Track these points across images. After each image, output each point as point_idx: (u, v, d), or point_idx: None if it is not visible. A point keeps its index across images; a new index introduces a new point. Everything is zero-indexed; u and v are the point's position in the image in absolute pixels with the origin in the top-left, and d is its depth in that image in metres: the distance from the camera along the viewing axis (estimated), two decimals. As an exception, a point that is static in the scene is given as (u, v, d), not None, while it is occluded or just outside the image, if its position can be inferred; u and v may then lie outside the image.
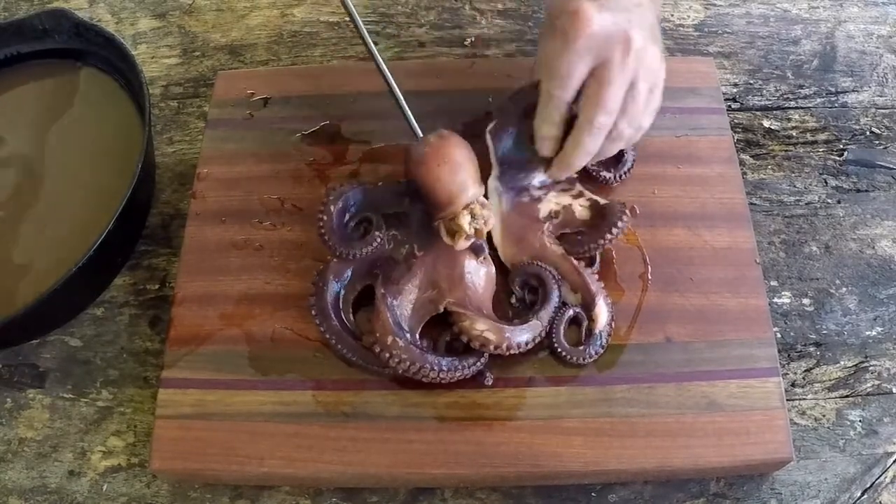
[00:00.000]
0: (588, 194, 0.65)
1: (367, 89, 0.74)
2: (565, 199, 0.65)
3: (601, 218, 0.64)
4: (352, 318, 0.62)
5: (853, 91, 0.77)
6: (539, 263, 0.63)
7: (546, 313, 0.61)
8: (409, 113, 0.64)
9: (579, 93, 0.58)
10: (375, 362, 0.59)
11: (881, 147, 0.74)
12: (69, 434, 0.64)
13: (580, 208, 0.65)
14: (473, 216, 0.60)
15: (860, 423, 0.62)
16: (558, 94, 0.57)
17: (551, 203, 0.65)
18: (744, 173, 0.71)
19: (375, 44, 0.81)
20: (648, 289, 0.64)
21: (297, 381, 0.61)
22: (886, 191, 0.72)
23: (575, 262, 0.62)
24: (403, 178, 0.66)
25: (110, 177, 0.68)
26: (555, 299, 0.62)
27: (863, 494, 0.60)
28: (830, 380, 0.64)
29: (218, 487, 0.62)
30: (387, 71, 0.64)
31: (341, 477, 0.59)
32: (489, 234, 0.63)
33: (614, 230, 0.62)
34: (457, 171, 0.60)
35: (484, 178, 0.63)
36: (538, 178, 0.65)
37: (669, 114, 0.69)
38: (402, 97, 0.64)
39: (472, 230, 0.60)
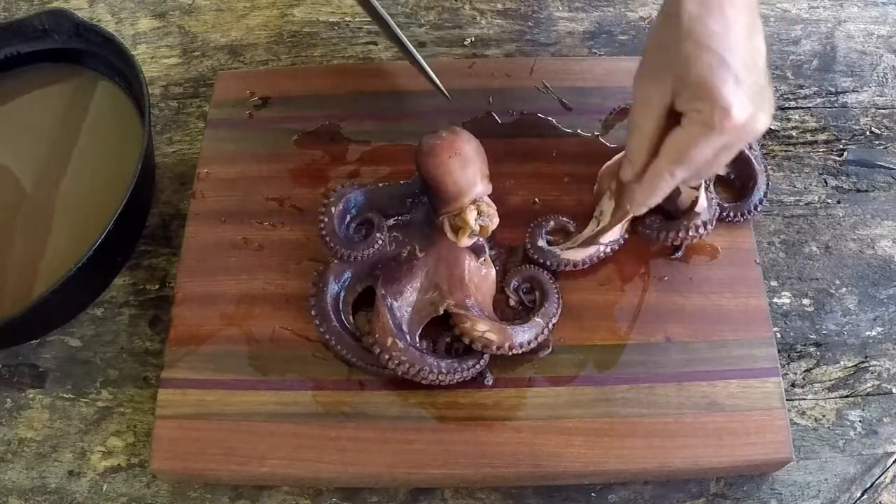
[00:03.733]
0: (704, 190, 0.64)
1: (367, 89, 0.75)
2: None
3: (692, 211, 0.63)
4: (352, 319, 0.62)
5: (853, 91, 0.77)
6: (532, 266, 0.63)
7: (547, 312, 0.61)
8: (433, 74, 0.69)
9: None
10: (375, 363, 0.59)
11: (881, 147, 0.74)
12: (69, 434, 0.64)
13: (685, 192, 0.64)
14: (480, 213, 0.60)
15: (860, 423, 0.62)
16: (680, 178, 0.57)
17: None
18: (744, 173, 0.71)
19: (375, 44, 0.82)
20: (648, 289, 0.64)
21: (297, 381, 0.61)
22: (886, 191, 0.72)
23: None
24: (404, 178, 0.66)
25: (110, 177, 0.68)
26: (554, 297, 0.62)
27: (863, 494, 0.60)
28: (830, 380, 0.64)
29: (218, 487, 0.62)
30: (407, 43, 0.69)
31: (341, 477, 0.59)
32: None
33: (700, 230, 0.63)
34: (467, 165, 0.60)
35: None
36: None
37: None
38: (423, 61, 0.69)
39: (478, 227, 0.60)
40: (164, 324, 0.67)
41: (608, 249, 0.64)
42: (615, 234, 0.64)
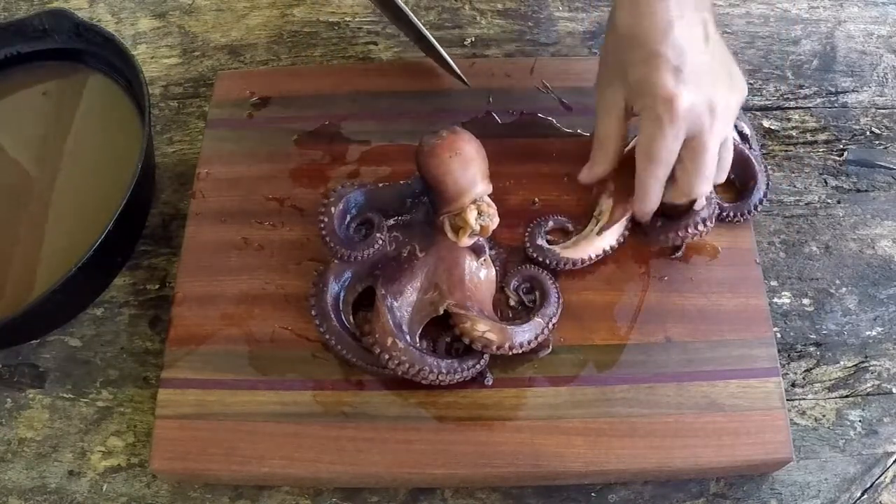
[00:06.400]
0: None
1: (367, 89, 0.74)
2: None
3: (691, 210, 0.63)
4: (352, 319, 0.62)
5: (853, 91, 0.77)
6: (533, 266, 0.64)
7: (547, 312, 0.61)
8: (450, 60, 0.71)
9: None
10: (375, 363, 0.59)
11: (881, 147, 0.74)
12: (69, 434, 0.64)
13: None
14: (480, 213, 0.60)
15: (860, 423, 0.62)
16: (662, 175, 0.59)
17: None
18: (744, 173, 0.71)
19: (375, 44, 0.82)
20: (648, 289, 0.64)
21: (297, 381, 0.61)
22: (886, 191, 0.72)
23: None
24: (404, 178, 0.66)
25: (110, 177, 0.68)
26: (554, 297, 0.62)
27: (863, 494, 0.60)
28: (830, 380, 0.64)
29: (218, 487, 0.62)
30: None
31: (341, 477, 0.59)
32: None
33: (700, 227, 0.62)
34: (468, 165, 0.60)
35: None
36: None
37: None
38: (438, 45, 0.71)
39: (478, 227, 0.60)
40: (164, 324, 0.67)
41: (608, 248, 0.64)
42: (614, 234, 0.64)
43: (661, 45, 0.55)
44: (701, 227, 0.63)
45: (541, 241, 0.64)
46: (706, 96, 0.56)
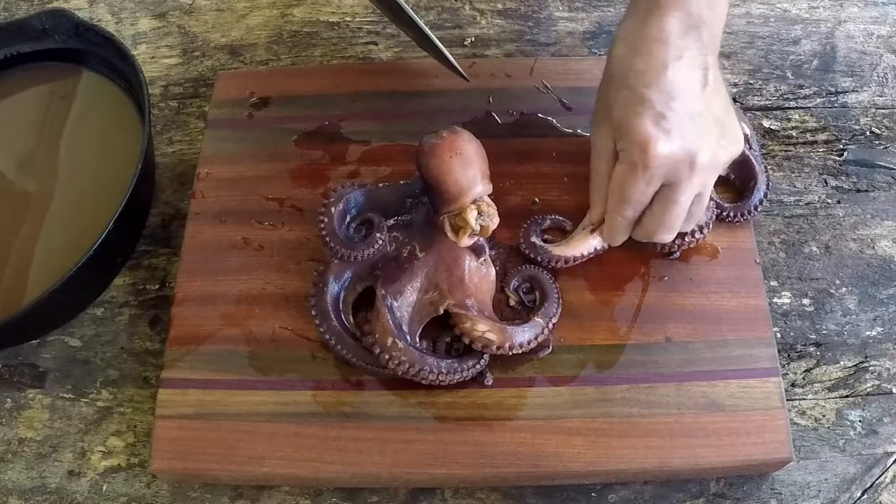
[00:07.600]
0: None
1: (367, 89, 0.75)
2: None
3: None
4: (352, 319, 0.62)
5: (853, 91, 0.77)
6: (532, 265, 0.63)
7: (547, 312, 0.61)
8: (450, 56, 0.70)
9: None
10: (375, 363, 0.59)
11: (881, 147, 0.74)
12: (69, 434, 0.64)
13: None
14: (480, 213, 0.60)
15: (860, 423, 0.62)
16: (630, 216, 0.58)
17: None
18: (744, 173, 0.71)
19: (375, 44, 0.82)
20: (648, 289, 0.64)
21: (297, 381, 0.61)
22: (886, 191, 0.72)
23: None
24: (404, 178, 0.66)
25: (110, 177, 0.68)
26: (554, 297, 0.62)
27: (863, 494, 0.60)
28: (830, 380, 0.64)
29: (218, 487, 0.62)
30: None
31: (341, 477, 0.59)
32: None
33: (696, 234, 0.63)
34: (468, 165, 0.60)
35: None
36: None
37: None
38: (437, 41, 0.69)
39: (478, 227, 0.60)
40: (164, 324, 0.67)
41: (599, 247, 0.64)
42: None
43: (649, 89, 0.53)
44: (697, 235, 0.63)
45: (534, 239, 0.64)
46: (688, 148, 0.53)
